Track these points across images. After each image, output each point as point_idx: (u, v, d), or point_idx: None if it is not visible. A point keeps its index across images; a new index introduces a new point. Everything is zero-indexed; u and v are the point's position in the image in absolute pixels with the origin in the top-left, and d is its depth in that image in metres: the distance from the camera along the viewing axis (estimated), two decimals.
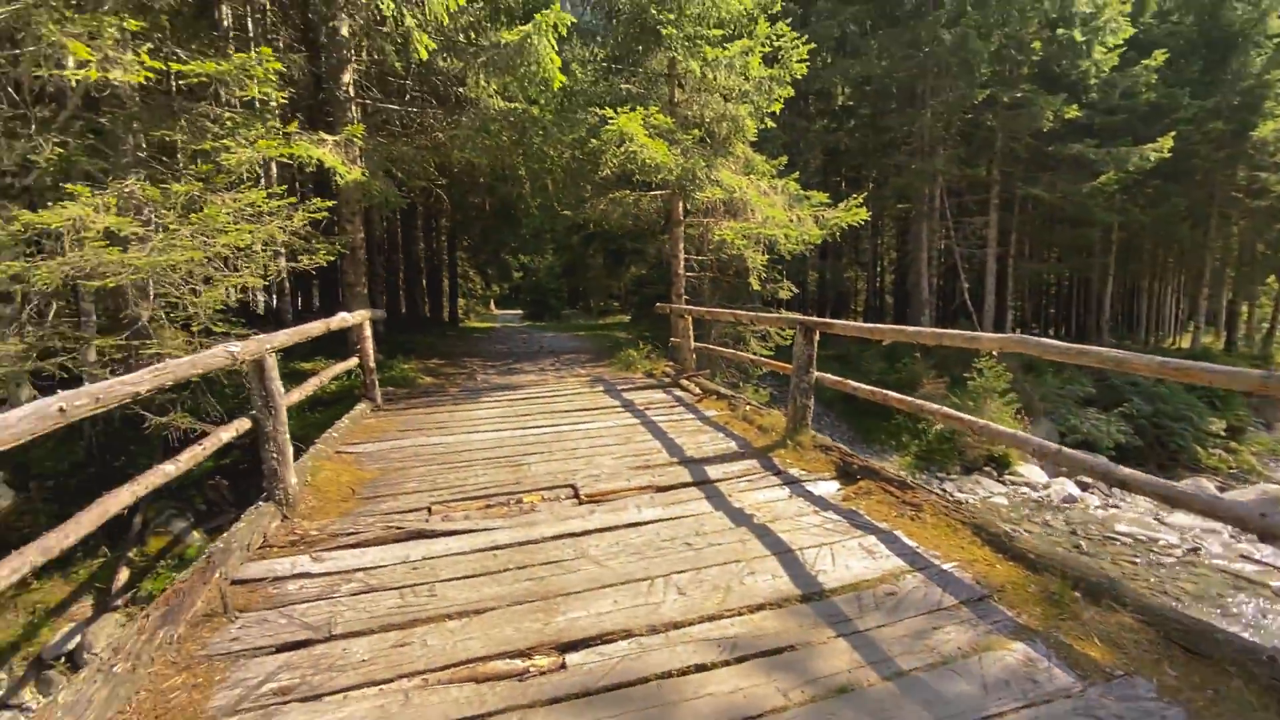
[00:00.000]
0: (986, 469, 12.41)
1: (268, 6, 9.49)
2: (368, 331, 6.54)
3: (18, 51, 5.15)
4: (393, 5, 6.25)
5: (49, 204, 5.88)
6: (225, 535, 3.11)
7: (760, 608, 2.57)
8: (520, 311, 38.40)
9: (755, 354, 9.84)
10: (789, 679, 2.11)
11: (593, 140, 8.37)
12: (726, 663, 2.21)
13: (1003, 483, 11.97)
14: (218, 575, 2.76)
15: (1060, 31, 14.92)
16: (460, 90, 9.52)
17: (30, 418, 1.73)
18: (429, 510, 3.66)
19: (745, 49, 8.87)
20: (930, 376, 14.17)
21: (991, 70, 15.16)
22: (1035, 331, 30.79)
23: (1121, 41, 14.73)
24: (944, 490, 11.64)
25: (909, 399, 3.97)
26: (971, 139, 17.57)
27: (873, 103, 19.70)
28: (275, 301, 12.84)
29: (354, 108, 8.89)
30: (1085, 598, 2.46)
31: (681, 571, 2.87)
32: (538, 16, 6.53)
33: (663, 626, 2.44)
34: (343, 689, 2.10)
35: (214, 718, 1.96)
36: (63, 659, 5.58)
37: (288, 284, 12.56)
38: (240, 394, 7.57)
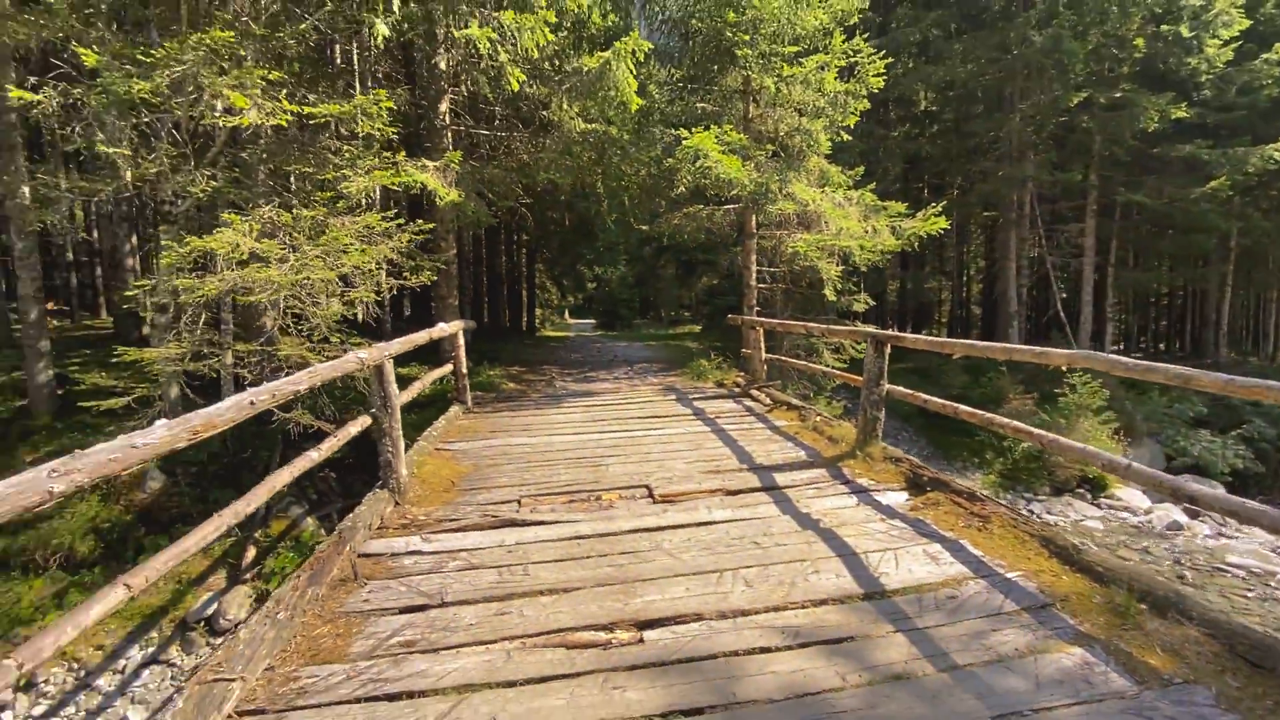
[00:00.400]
0: (1079, 490, 11.72)
1: (374, 45, 10.49)
2: (461, 341, 7.13)
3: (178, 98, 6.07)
4: (488, 44, 6.85)
5: (197, 229, 6.85)
6: (351, 516, 3.62)
7: (823, 602, 2.76)
8: (593, 321, 39.40)
9: (828, 366, 9.84)
10: (847, 665, 2.30)
11: (668, 158, 8.72)
12: (789, 647, 2.43)
13: (1098, 506, 11.26)
14: (348, 549, 3.24)
15: (1165, 28, 13.97)
16: (545, 113, 10.15)
17: (233, 408, 2.21)
18: (519, 503, 4.06)
19: (820, 64, 8.99)
20: (1017, 392, 13.52)
21: (1087, 70, 14.38)
22: (1144, 346, 28.49)
23: (1236, 34, 13.61)
24: (1031, 511, 11.13)
25: (979, 412, 4.01)
26: (1065, 143, 16.67)
27: (956, 107, 19.07)
28: (375, 312, 14.00)
29: (449, 134, 9.68)
30: (1151, 610, 2.50)
31: (749, 567, 3.10)
32: (617, 44, 6.97)
33: (731, 613, 2.68)
34: (455, 646, 2.47)
35: (355, 659, 2.39)
36: (202, 623, 6.43)
37: (386, 296, 13.67)
38: (347, 396, 8.41)
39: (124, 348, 6.13)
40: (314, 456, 3.22)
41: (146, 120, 6.30)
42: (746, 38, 8.39)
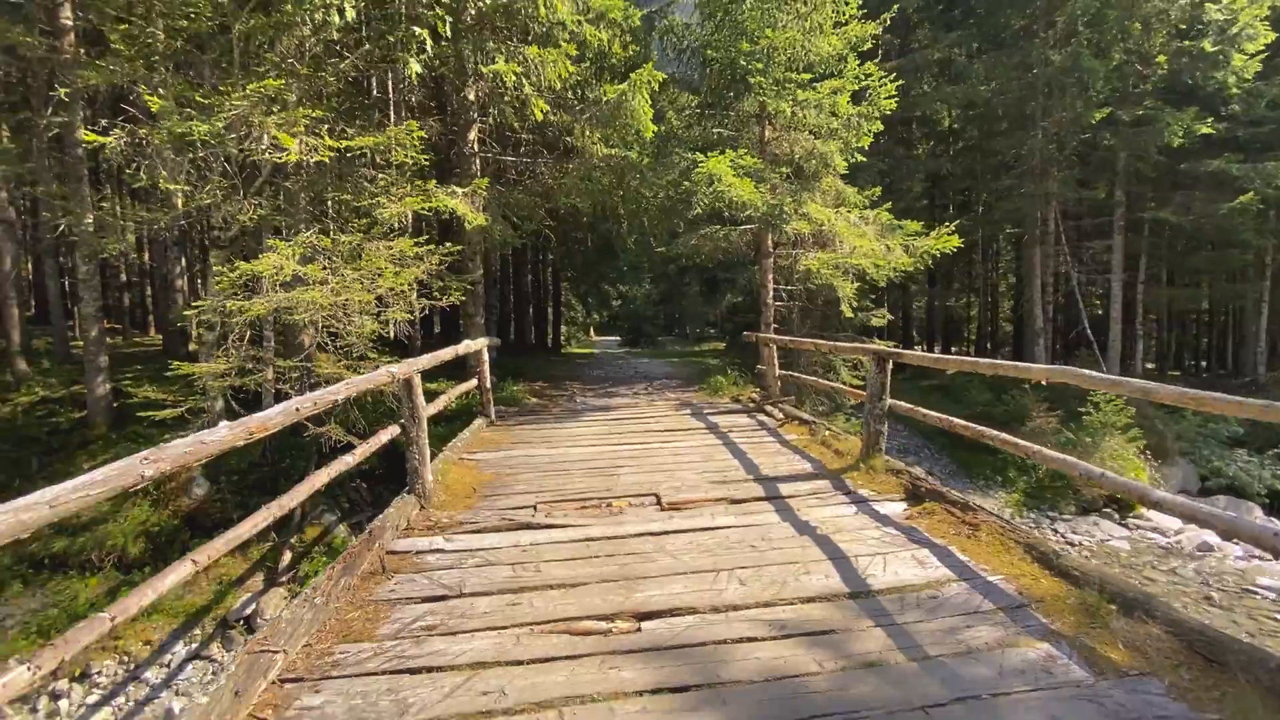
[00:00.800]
0: (1106, 510, 11.52)
1: (409, 77, 11.13)
2: (486, 357, 7.50)
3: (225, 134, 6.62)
4: (514, 77, 7.30)
5: (244, 253, 7.37)
6: (380, 517, 3.94)
7: (810, 600, 2.96)
8: (618, 338, 39.83)
9: (845, 382, 9.96)
10: (825, 653, 2.51)
11: (685, 181, 9.05)
12: (774, 638, 2.64)
13: (1125, 526, 11.06)
14: (377, 546, 3.55)
15: (1188, 43, 13.91)
16: (568, 139, 10.61)
17: (282, 413, 2.54)
18: (535, 508, 4.34)
19: (834, 89, 9.26)
20: (1040, 410, 13.37)
21: (1110, 87, 14.35)
22: (1185, 365, 27.63)
23: (1263, 47, 13.48)
24: (1054, 531, 11.00)
25: (973, 426, 4.17)
26: (1089, 159, 16.57)
27: (979, 125, 19.12)
28: (407, 330, 14.58)
29: (477, 161, 10.19)
30: (1119, 610, 2.64)
31: (744, 567, 3.31)
32: (633, 75, 7.36)
33: (723, 608, 2.90)
34: (471, 630, 2.74)
35: (382, 639, 2.67)
36: (241, 622, 6.82)
37: (417, 315, 14.24)
38: (377, 410, 8.84)
39: (177, 363, 6.62)
40: (349, 461, 3.55)
41: (201, 155, 6.87)
42: (760, 66, 8.72)
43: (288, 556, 7.47)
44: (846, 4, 9.83)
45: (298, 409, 2.65)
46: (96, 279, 8.89)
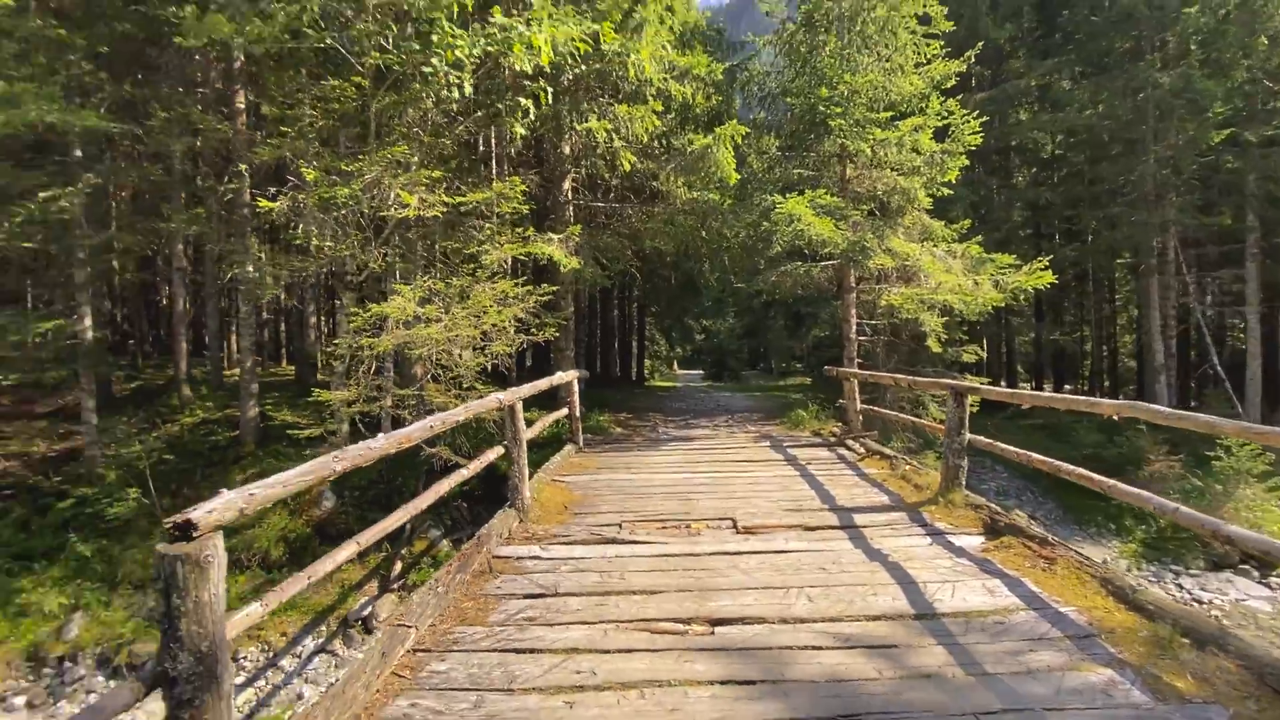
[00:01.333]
0: (1243, 566, 10.37)
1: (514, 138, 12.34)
2: (575, 388, 8.09)
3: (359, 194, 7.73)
4: (605, 133, 8.04)
5: (369, 295, 8.44)
6: (486, 526, 4.48)
7: (875, 618, 3.15)
8: (701, 372, 40.05)
9: (933, 418, 9.75)
10: (884, 663, 2.71)
11: (765, 221, 9.41)
12: (837, 648, 2.87)
13: (1267, 585, 9.91)
14: (485, 550, 4.07)
15: None
16: (654, 184, 11.30)
17: (420, 429, 3.13)
18: (620, 526, 4.74)
19: (915, 126, 9.38)
20: (1160, 453, 12.30)
21: (1232, 107, 13.38)
22: None
23: None
24: (1179, 587, 10.04)
25: (1050, 461, 4.17)
26: (1210, 183, 15.35)
27: (1083, 151, 18.20)
28: (505, 362, 15.69)
29: (570, 208, 11.07)
30: (1192, 644, 2.66)
31: (814, 586, 3.54)
32: (717, 130, 7.90)
33: (791, 620, 3.15)
34: (565, 623, 3.16)
35: (492, 625, 3.14)
36: (359, 623, 7.62)
37: (514, 349, 15.32)
38: (479, 435, 9.64)
39: (317, 390, 7.67)
40: (464, 473, 4.13)
41: (341, 213, 8.05)
42: (839, 110, 9.01)
43: (399, 566, 8.27)
44: (929, 45, 9.99)
45: (431, 426, 3.23)
46: (253, 319, 10.40)
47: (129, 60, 11.29)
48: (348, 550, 2.59)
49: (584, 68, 8.03)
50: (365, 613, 7.59)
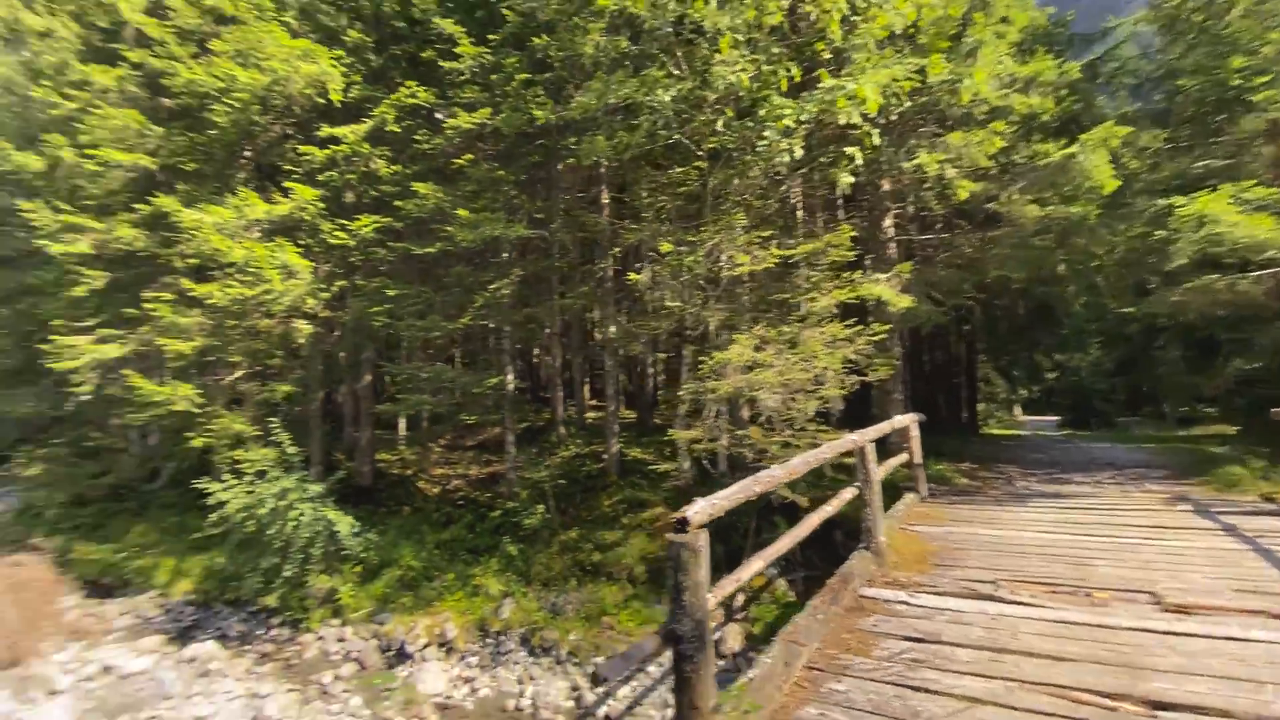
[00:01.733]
0: None
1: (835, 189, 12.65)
2: (914, 432, 7.70)
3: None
4: (937, 166, 7.72)
5: (706, 346, 9.43)
6: (845, 565, 4.60)
7: None
8: (1055, 418, 33.21)
9: None
10: None
11: (1158, 230, 7.69)
12: None
13: None
14: (849, 589, 4.20)
15: None
16: (988, 206, 10.23)
17: (801, 464, 3.49)
18: (995, 583, 4.35)
19: None
20: None
21: None
22: None
23: None
24: None
25: None
26: None
27: None
28: (835, 406, 15.72)
29: (893, 245, 10.73)
30: None
31: None
32: (1083, 137, 6.85)
33: (1270, 718, 2.51)
34: (956, 671, 3.07)
35: (879, 659, 3.23)
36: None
37: (846, 390, 15.24)
38: (808, 478, 9.80)
39: (671, 430, 8.88)
40: (828, 511, 4.36)
41: (686, 277, 9.34)
42: (1265, 79, 6.97)
43: (741, 599, 8.84)
44: None
45: (807, 460, 3.56)
46: (617, 372, 12.61)
47: (532, 181, 15.16)
48: (755, 565, 3.03)
49: (909, 103, 7.89)
50: (715, 637, 8.28)
